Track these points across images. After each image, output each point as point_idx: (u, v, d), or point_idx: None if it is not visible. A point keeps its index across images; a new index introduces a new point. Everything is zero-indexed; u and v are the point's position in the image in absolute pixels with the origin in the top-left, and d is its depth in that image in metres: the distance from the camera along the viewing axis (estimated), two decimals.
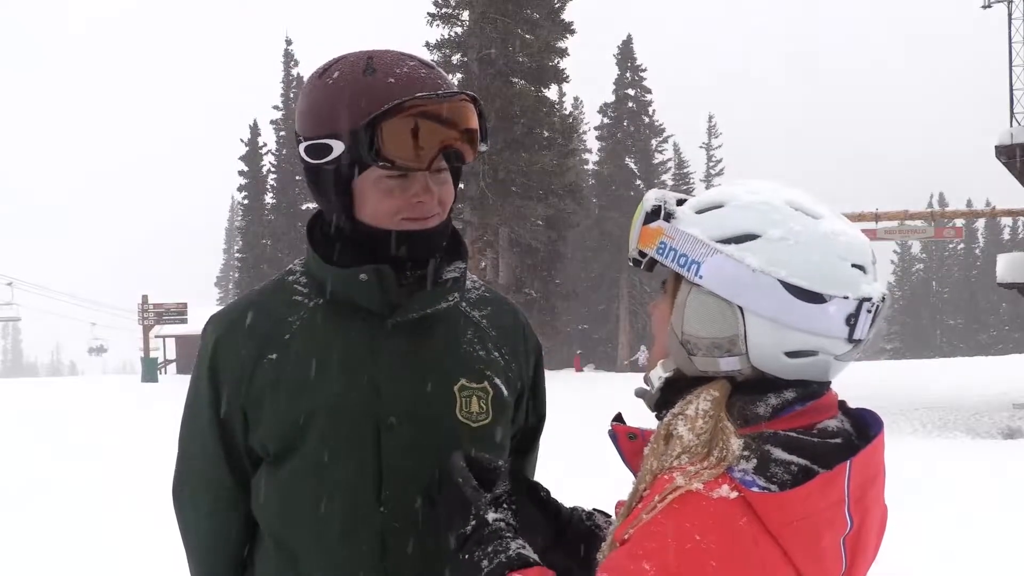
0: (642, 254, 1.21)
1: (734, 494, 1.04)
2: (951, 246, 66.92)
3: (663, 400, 1.21)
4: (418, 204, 1.48)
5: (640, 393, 1.26)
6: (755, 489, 1.04)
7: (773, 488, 1.05)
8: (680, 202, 1.21)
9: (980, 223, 65.41)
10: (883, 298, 1.14)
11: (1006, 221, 64.27)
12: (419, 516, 1.49)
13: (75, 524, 7.25)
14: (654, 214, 1.20)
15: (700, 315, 1.14)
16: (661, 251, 1.18)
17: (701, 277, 1.14)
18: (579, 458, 8.22)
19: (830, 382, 1.18)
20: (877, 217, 25.44)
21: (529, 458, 1.78)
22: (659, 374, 1.22)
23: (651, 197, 1.21)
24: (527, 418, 1.72)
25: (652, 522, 1.04)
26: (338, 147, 1.43)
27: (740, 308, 1.12)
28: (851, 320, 1.11)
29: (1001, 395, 19.49)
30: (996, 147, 16.89)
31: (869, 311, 1.12)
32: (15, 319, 50.54)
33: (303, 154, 1.49)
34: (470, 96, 1.47)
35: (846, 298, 1.10)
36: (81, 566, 6.01)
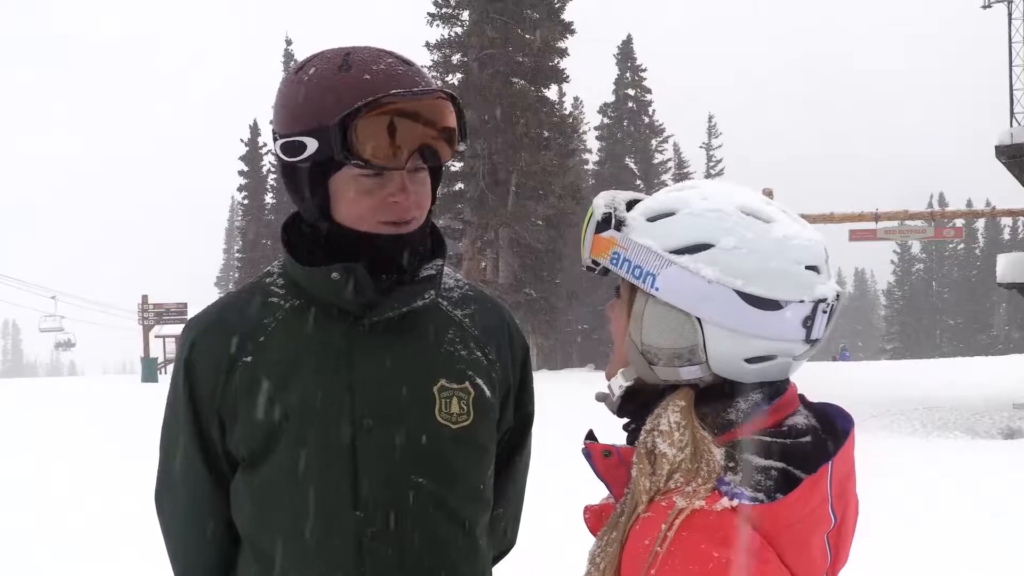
0: (595, 262, 1.18)
1: (734, 502, 1.04)
2: (951, 246, 66.95)
3: (623, 407, 1.21)
4: (393, 204, 1.46)
5: (601, 398, 1.24)
6: (745, 501, 1.04)
7: (761, 497, 1.05)
8: (631, 203, 1.19)
9: (980, 223, 65.40)
10: (837, 296, 1.15)
11: (1006, 221, 64.28)
12: (396, 520, 1.47)
13: (74, 524, 7.23)
14: (605, 222, 1.17)
15: (658, 326, 1.13)
16: (615, 262, 1.16)
17: (657, 289, 1.12)
18: (581, 461, 8.19)
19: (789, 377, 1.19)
20: (877, 217, 25.35)
21: (520, 456, 1.76)
22: (620, 383, 1.20)
23: (600, 204, 1.18)
24: (515, 418, 1.69)
25: (668, 555, 1.02)
26: (312, 144, 1.41)
27: (698, 319, 1.11)
28: (808, 322, 1.12)
29: (1001, 395, 19.45)
30: (996, 147, 16.86)
31: (825, 311, 1.13)
32: (58, 329, 50.95)
33: (278, 151, 1.47)
34: (447, 94, 1.45)
35: (802, 302, 1.11)
36: (80, 566, 5.99)
